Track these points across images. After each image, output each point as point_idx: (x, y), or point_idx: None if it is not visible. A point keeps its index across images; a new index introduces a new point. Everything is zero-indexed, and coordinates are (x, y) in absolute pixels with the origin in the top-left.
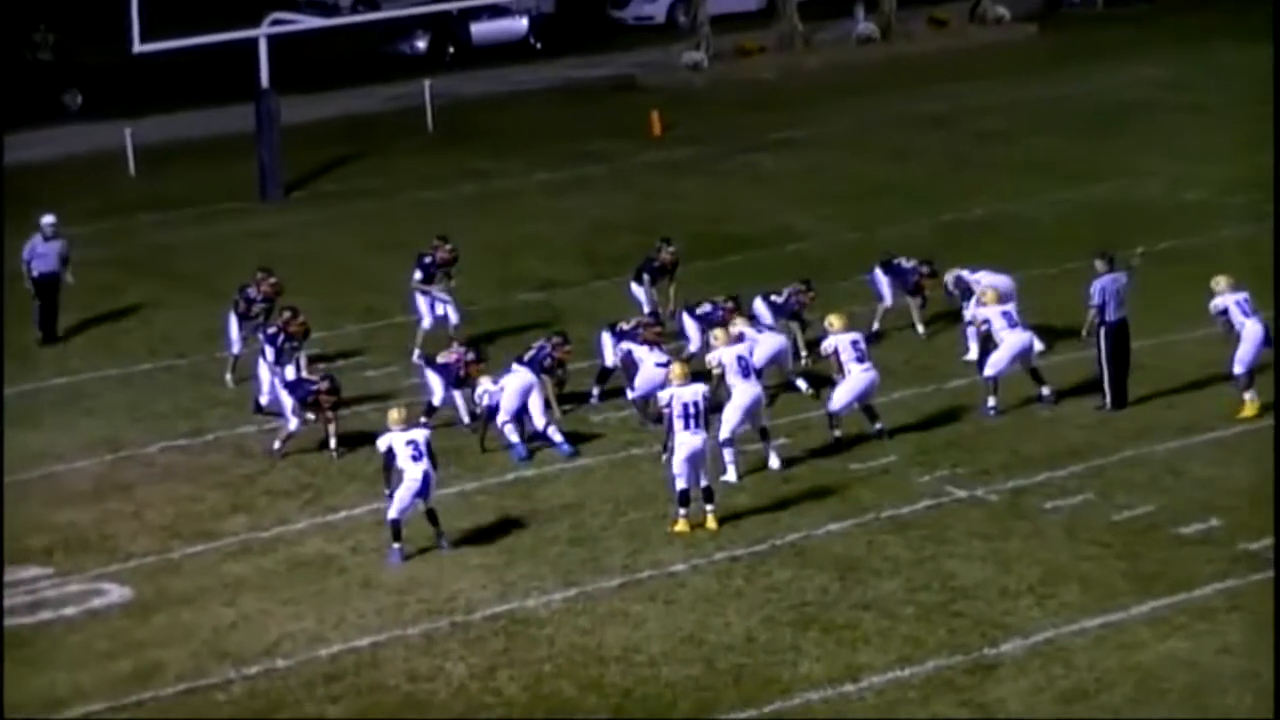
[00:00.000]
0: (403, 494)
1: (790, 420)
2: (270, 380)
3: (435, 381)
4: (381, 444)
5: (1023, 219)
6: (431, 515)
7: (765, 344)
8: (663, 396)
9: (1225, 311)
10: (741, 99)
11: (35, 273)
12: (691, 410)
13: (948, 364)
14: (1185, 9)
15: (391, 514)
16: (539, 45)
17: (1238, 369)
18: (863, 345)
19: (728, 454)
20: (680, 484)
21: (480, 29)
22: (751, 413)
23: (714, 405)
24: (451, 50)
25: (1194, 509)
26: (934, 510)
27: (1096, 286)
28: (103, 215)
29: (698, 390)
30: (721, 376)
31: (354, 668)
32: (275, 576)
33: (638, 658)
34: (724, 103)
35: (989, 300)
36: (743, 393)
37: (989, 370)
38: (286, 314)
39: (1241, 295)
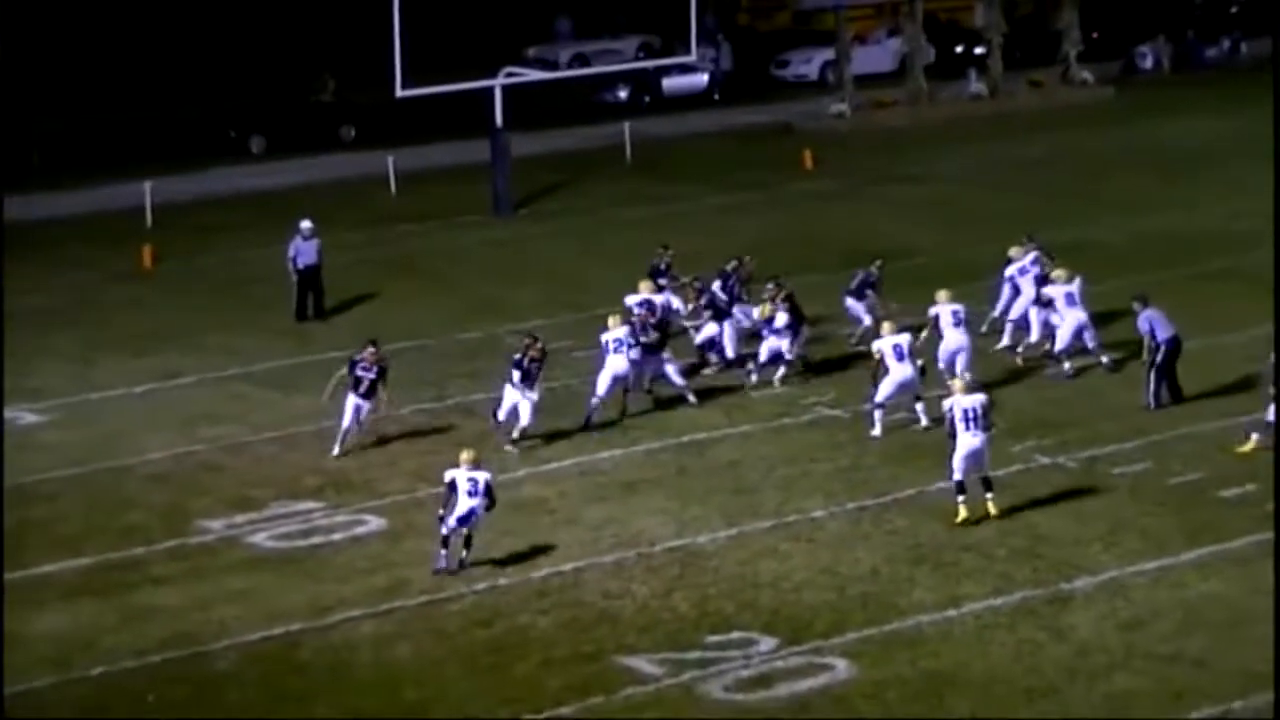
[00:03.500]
0: (451, 519)
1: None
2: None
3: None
4: (447, 475)
5: (1101, 242)
6: (468, 540)
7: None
8: (945, 404)
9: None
10: (877, 142)
11: (300, 265)
12: (971, 415)
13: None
14: (1243, 75)
15: (443, 530)
16: (717, 96)
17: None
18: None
19: (878, 415)
20: (957, 475)
21: (670, 83)
22: (904, 388)
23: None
24: (647, 99)
25: (1234, 476)
26: (1024, 473)
27: (1143, 320)
28: (368, 225)
29: (977, 399)
30: (882, 359)
31: (559, 587)
32: (499, 514)
33: (784, 585)
34: (862, 145)
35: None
36: (899, 372)
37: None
38: (528, 340)
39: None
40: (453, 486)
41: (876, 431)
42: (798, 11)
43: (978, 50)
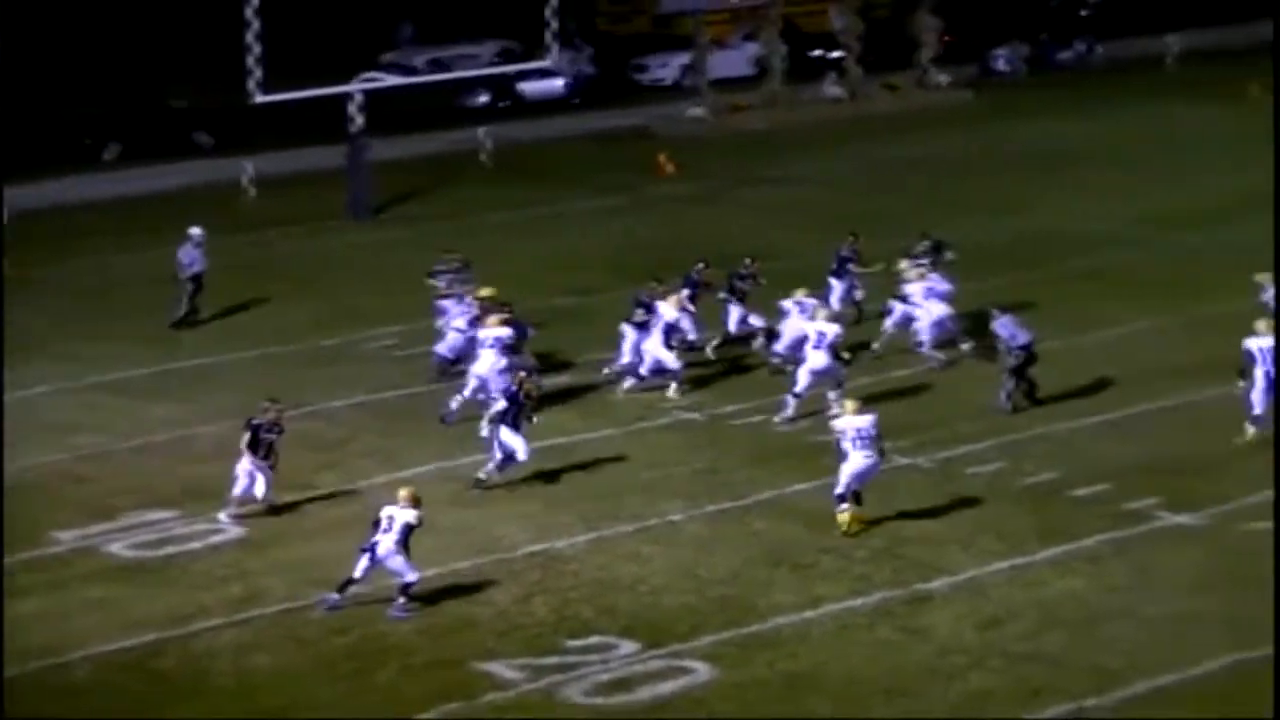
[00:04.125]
0: (364, 559)
1: (771, 399)
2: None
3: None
4: (379, 511)
5: (961, 244)
6: (403, 586)
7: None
8: (836, 425)
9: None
10: (735, 145)
11: (192, 272)
12: (862, 435)
13: (895, 356)
14: (1095, 77)
15: (355, 570)
16: (576, 101)
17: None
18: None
19: (793, 402)
20: (840, 489)
21: (529, 87)
22: (820, 376)
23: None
24: (506, 104)
25: (1087, 476)
26: (882, 474)
27: (1000, 325)
28: (227, 232)
29: (868, 419)
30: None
31: (417, 594)
32: (358, 521)
33: (644, 588)
34: (721, 148)
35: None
36: (814, 360)
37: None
38: (522, 374)
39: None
40: (376, 522)
41: (786, 414)
42: (656, 16)
43: (835, 54)
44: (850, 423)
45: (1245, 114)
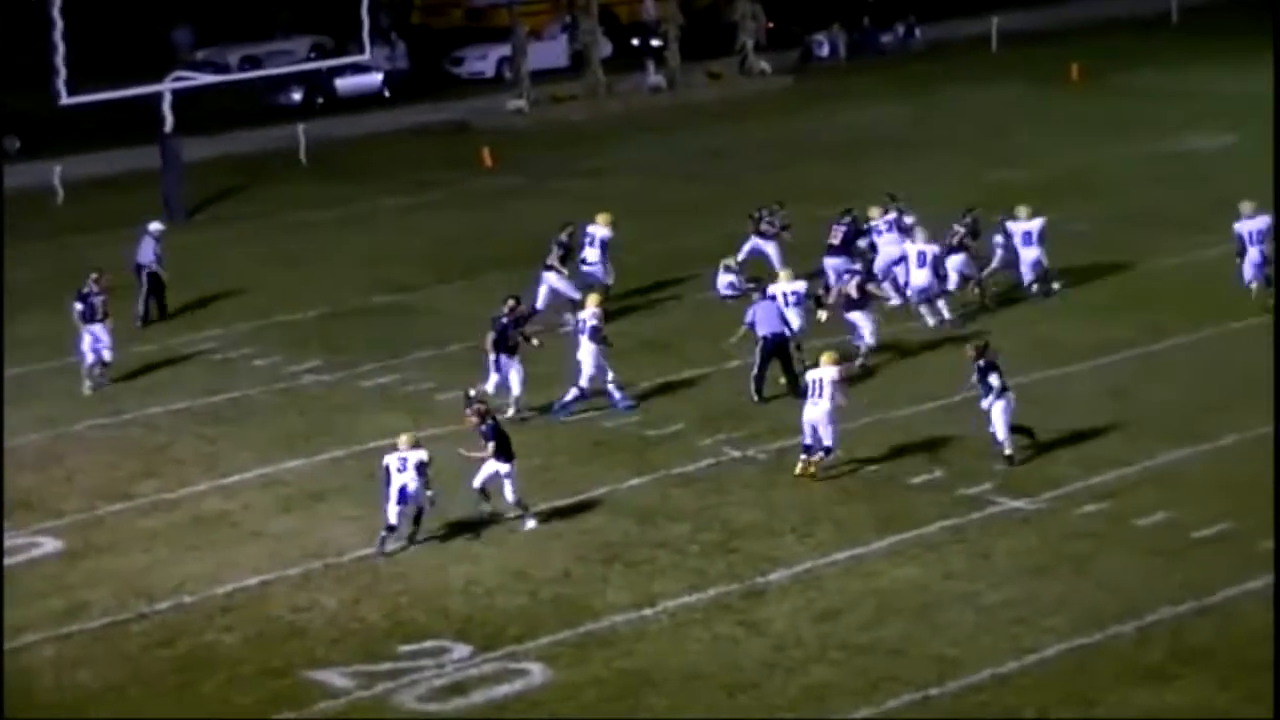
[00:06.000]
0: (391, 505)
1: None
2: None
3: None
4: (383, 461)
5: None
6: (417, 517)
7: None
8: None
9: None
10: (557, 137)
11: (153, 268)
12: (815, 384)
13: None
14: (916, 60)
15: (389, 519)
16: (387, 93)
17: None
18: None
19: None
20: (803, 439)
21: (343, 83)
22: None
23: None
24: (321, 100)
25: (922, 463)
26: (714, 467)
27: (750, 312)
28: (38, 238)
29: (826, 371)
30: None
31: (244, 602)
32: (181, 529)
33: (477, 590)
34: (541, 141)
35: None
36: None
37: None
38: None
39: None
40: (387, 471)
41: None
42: (471, 9)
43: (654, 43)
44: (810, 373)
45: (1069, 94)
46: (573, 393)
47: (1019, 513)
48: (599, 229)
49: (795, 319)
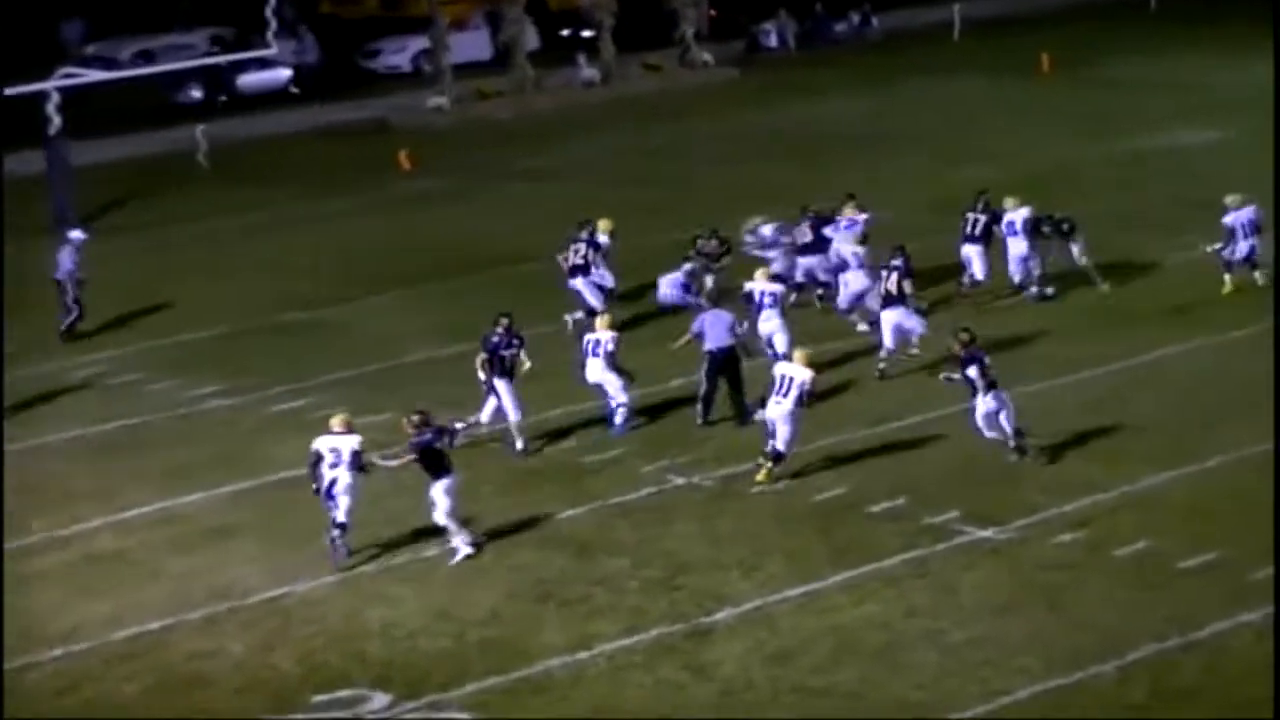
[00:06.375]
0: (329, 503)
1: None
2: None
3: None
4: (313, 445)
5: (734, 238)
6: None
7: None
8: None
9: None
10: (482, 137)
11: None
12: (782, 383)
13: (670, 365)
14: (872, 51)
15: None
16: (295, 90)
17: None
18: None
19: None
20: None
21: (246, 79)
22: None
23: None
24: (223, 98)
25: (882, 490)
26: (656, 495)
27: (698, 323)
28: None
29: (797, 372)
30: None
31: (145, 648)
32: (74, 569)
33: (397, 633)
34: (467, 140)
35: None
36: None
37: None
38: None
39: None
40: (317, 459)
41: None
42: None
43: (586, 33)
44: (780, 369)
45: (1040, 86)
46: (621, 412)
47: (987, 543)
48: (598, 236)
49: (774, 320)
